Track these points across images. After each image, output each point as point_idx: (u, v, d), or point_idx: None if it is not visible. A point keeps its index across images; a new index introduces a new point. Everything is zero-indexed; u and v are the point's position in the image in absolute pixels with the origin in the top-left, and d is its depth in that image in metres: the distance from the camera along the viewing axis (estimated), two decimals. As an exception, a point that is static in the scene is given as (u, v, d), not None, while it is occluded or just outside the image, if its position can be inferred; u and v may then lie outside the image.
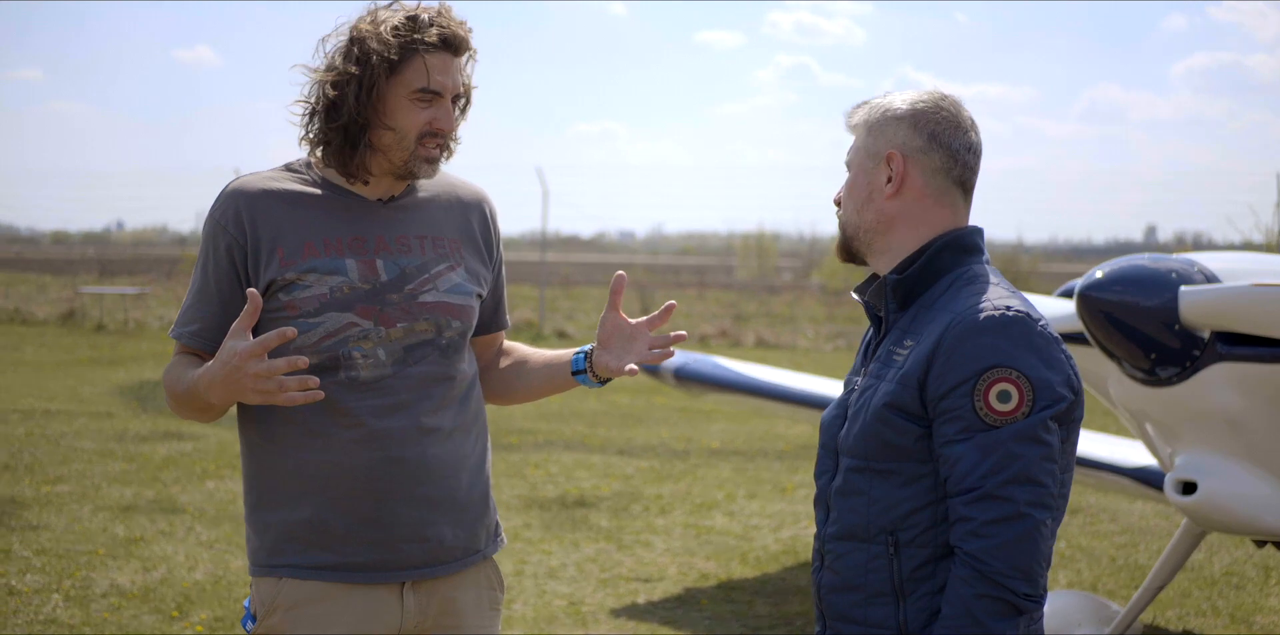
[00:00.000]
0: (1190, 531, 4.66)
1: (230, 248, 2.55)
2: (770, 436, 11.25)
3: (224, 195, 2.59)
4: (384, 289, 2.57)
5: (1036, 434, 2.12)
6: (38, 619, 5.62)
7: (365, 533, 2.57)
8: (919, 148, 2.29)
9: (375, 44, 2.51)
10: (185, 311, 2.61)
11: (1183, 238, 35.18)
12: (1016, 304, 2.19)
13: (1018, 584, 2.09)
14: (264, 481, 2.60)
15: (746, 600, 6.20)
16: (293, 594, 2.56)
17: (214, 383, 2.40)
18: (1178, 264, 4.05)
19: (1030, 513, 2.10)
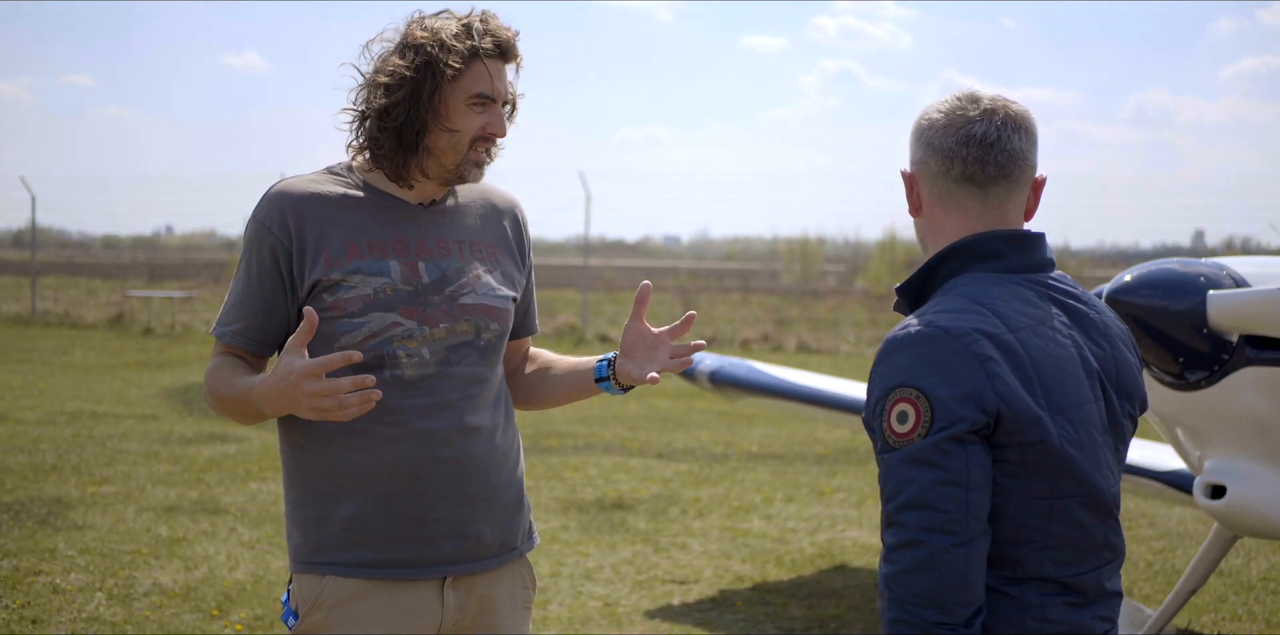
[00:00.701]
0: (1221, 536, 4.66)
1: (274, 249, 2.58)
2: (809, 440, 11.26)
3: (268, 197, 2.63)
4: (426, 290, 2.61)
5: (929, 457, 2.00)
6: (80, 617, 5.71)
7: (407, 530, 2.61)
8: (919, 159, 2.24)
9: (437, 50, 2.56)
10: (227, 311, 2.64)
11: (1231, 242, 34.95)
12: (946, 318, 2.08)
13: (924, 612, 1.98)
14: (307, 479, 2.64)
15: (781, 603, 6.23)
16: (336, 591, 2.59)
17: (268, 396, 2.44)
18: (1206, 268, 4.06)
19: (925, 539, 1.98)
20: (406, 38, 2.60)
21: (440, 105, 2.58)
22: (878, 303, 28.63)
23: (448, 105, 2.59)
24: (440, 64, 2.55)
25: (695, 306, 27.17)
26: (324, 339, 2.57)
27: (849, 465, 10.07)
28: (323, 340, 2.57)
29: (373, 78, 2.61)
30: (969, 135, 2.19)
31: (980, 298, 2.13)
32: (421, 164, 2.62)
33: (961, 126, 2.19)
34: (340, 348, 2.56)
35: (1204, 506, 4.20)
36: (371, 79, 2.61)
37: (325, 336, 2.57)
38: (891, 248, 33.93)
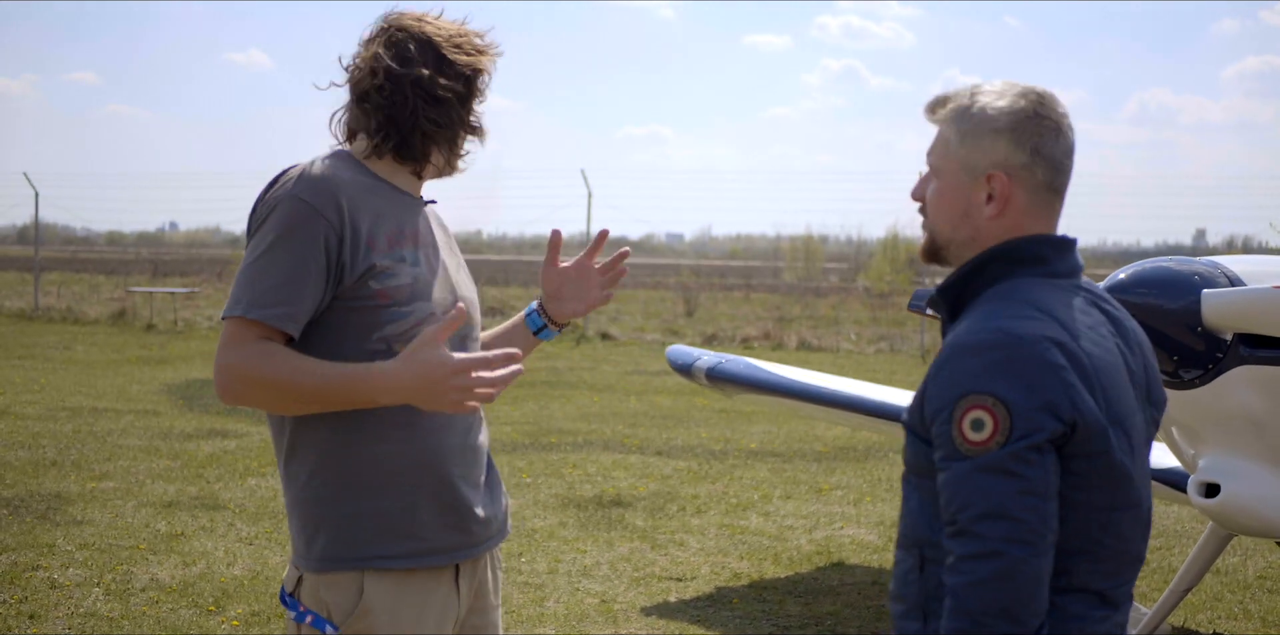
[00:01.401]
0: (1216, 534, 4.66)
1: (327, 232, 2.51)
2: (809, 438, 11.27)
3: (310, 178, 2.55)
4: (441, 282, 2.66)
5: (1008, 466, 1.95)
6: (78, 612, 5.73)
7: (448, 517, 2.63)
8: (1023, 164, 2.14)
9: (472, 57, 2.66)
10: (267, 291, 2.48)
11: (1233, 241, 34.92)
12: (1016, 324, 2.03)
13: (996, 623, 1.95)
14: (348, 474, 2.58)
15: (778, 600, 6.24)
16: (379, 588, 2.58)
17: (402, 391, 2.41)
18: (1201, 266, 4.06)
19: (1004, 550, 1.94)
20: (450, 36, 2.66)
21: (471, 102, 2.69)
22: (879, 301, 28.62)
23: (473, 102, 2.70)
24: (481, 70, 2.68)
25: (697, 304, 27.17)
26: (361, 328, 2.54)
27: (847, 463, 10.08)
28: (358, 330, 2.54)
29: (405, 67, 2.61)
30: (1070, 147, 2.18)
31: (1040, 303, 2.09)
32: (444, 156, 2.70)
33: (1064, 134, 2.16)
34: (381, 338, 2.54)
35: (1198, 505, 4.20)
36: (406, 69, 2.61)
37: (364, 326, 2.54)
38: (894, 246, 33.89)
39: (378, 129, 2.63)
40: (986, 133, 2.13)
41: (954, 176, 2.17)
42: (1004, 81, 2.20)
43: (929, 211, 2.22)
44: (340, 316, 2.55)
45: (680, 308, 27.15)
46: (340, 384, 2.45)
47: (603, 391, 14.51)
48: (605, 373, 16.60)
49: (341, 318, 2.55)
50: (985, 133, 2.13)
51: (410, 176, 2.69)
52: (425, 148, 2.65)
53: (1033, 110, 2.14)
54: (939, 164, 2.20)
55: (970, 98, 2.17)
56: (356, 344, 2.54)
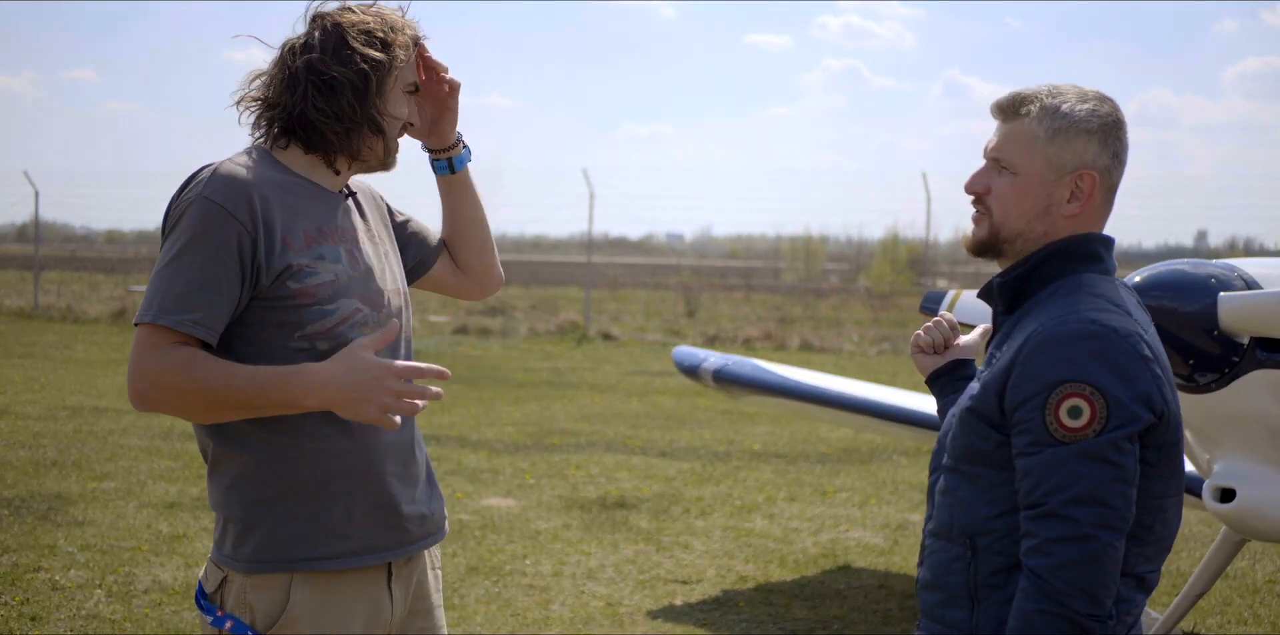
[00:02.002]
0: (1229, 539, 4.62)
1: (240, 234, 2.46)
2: (812, 439, 11.23)
3: (220, 179, 2.49)
4: (366, 276, 2.61)
5: (1105, 454, 2.05)
6: (80, 614, 5.68)
7: (380, 516, 2.60)
8: (1107, 167, 2.26)
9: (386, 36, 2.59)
10: (178, 297, 2.43)
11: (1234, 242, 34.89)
12: (1106, 317, 2.12)
13: (1080, 604, 2.04)
14: (281, 475, 2.54)
15: (784, 603, 6.20)
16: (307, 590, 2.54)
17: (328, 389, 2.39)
18: (1217, 269, 4.02)
19: (1095, 534, 2.04)
20: (358, 24, 2.59)
21: (388, 90, 2.62)
22: (880, 302, 28.59)
23: (392, 91, 2.63)
24: (394, 49, 2.60)
25: (698, 304, 27.13)
26: (282, 328, 2.51)
27: (851, 465, 10.04)
28: (280, 329, 2.51)
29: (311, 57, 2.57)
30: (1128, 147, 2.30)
31: (1113, 299, 2.19)
32: (363, 148, 2.63)
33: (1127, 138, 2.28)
34: (304, 336, 2.51)
35: (1213, 510, 4.16)
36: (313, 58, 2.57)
37: (285, 325, 2.51)
38: (894, 247, 33.88)
39: (272, 116, 2.61)
40: (1079, 133, 2.23)
41: (1037, 173, 2.24)
42: (1072, 85, 2.29)
43: (998, 205, 2.28)
44: (261, 316, 2.51)
45: (681, 308, 27.11)
46: (267, 385, 2.42)
47: (604, 392, 14.47)
48: (607, 373, 16.57)
49: (263, 317, 2.51)
50: (1078, 133, 2.23)
51: (327, 171, 2.64)
52: (319, 138, 2.59)
53: (1114, 117, 2.26)
54: (1019, 160, 2.26)
55: (1054, 98, 2.26)
56: (280, 343, 2.51)
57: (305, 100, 2.56)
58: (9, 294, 27.88)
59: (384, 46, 2.59)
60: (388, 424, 2.42)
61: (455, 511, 7.98)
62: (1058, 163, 2.24)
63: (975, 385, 2.27)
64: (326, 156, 2.62)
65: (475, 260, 2.98)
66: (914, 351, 2.64)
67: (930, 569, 2.28)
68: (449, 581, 6.38)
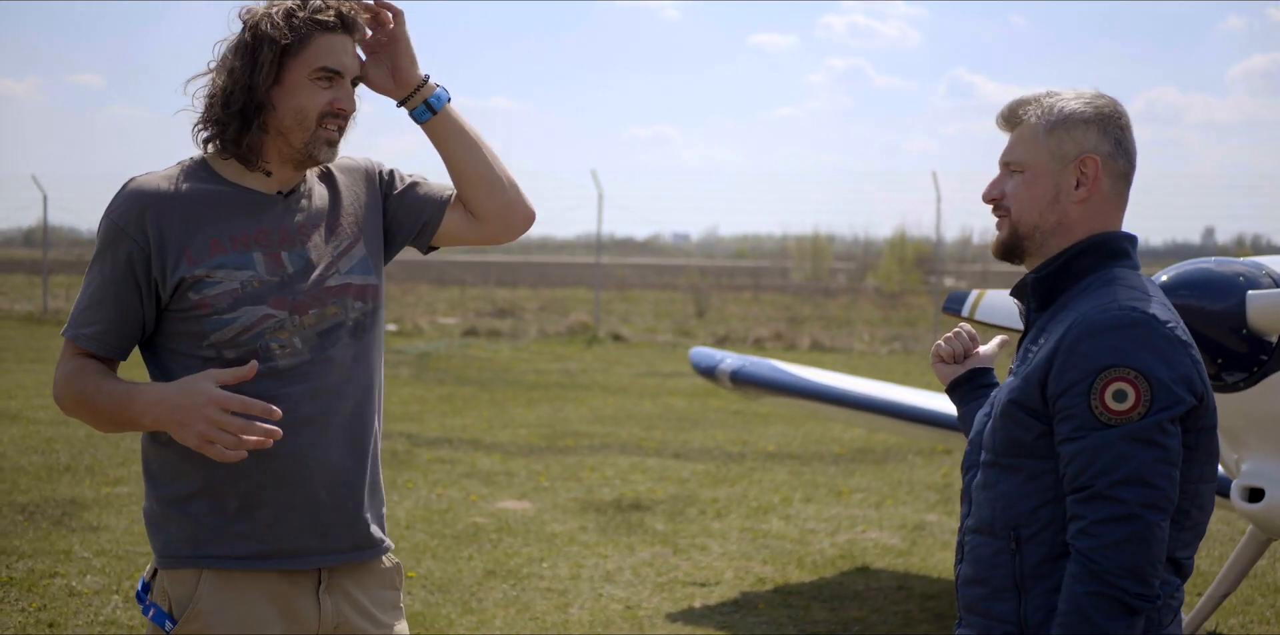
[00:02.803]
0: (1256, 538, 4.59)
1: (131, 253, 2.53)
2: (826, 440, 11.19)
3: (123, 196, 2.56)
4: (292, 279, 2.59)
5: (1151, 436, 2.12)
6: (97, 620, 5.66)
7: (297, 518, 2.58)
8: (1109, 153, 2.34)
9: (270, 27, 2.53)
10: (81, 312, 2.58)
11: (1242, 240, 34.80)
12: (1145, 305, 2.20)
13: (1128, 583, 2.09)
14: (188, 472, 2.56)
15: (803, 605, 6.17)
16: (215, 587, 2.55)
17: (159, 405, 2.44)
18: (1244, 267, 3.98)
19: (1141, 514, 2.10)
20: (245, 17, 2.57)
21: (279, 82, 2.55)
22: (890, 301, 28.55)
23: (288, 81, 2.55)
24: (277, 36, 2.52)
25: (707, 304, 27.09)
26: (190, 337, 2.54)
27: (866, 465, 10.00)
28: (188, 339, 2.54)
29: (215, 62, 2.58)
30: (1134, 144, 2.38)
31: (1147, 290, 2.27)
32: (271, 145, 2.59)
33: (1131, 132, 2.37)
34: (210, 345, 2.54)
35: (1241, 510, 4.13)
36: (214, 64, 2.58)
37: (191, 335, 2.54)
38: (901, 245, 33.82)
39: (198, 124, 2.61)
40: (1076, 123, 2.32)
41: (1043, 166, 2.34)
42: (1072, 89, 2.39)
43: (1013, 203, 2.38)
44: (171, 326, 2.57)
45: (691, 308, 27.07)
46: (120, 401, 2.50)
47: (616, 393, 14.44)
48: (618, 374, 16.54)
49: (173, 327, 2.57)
50: (1075, 123, 2.32)
51: (256, 173, 2.61)
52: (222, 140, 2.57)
53: (1112, 108, 2.35)
54: (1024, 158, 2.36)
55: (1050, 98, 2.37)
56: (189, 352, 2.56)
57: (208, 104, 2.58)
58: (18, 299, 27.90)
59: (257, 39, 2.53)
60: (213, 454, 2.41)
61: (470, 515, 7.96)
62: (1060, 153, 2.33)
63: (1013, 379, 2.32)
64: (239, 159, 2.60)
65: (488, 202, 2.81)
66: (934, 361, 2.72)
67: (972, 564, 2.32)
68: (466, 585, 6.35)
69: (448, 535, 7.35)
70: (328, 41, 2.56)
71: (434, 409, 12.57)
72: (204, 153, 2.64)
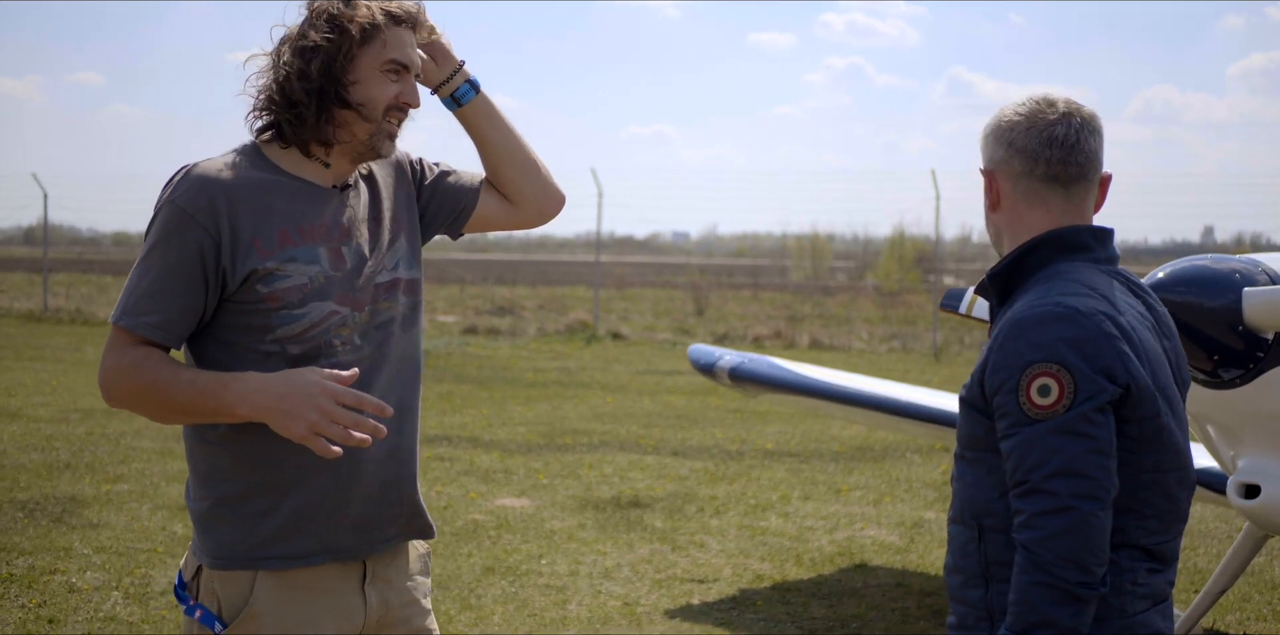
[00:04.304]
0: (1252, 535, 4.60)
1: (200, 241, 2.46)
2: (825, 437, 11.20)
3: (188, 182, 2.50)
4: (351, 275, 2.57)
5: (1077, 427, 2.15)
6: (97, 616, 5.68)
7: (354, 514, 2.58)
8: (1001, 159, 2.41)
9: (343, 15, 2.52)
10: (139, 300, 2.48)
11: (1241, 239, 34.80)
12: (1071, 299, 2.23)
13: (1069, 573, 2.13)
14: (246, 473, 2.54)
15: (802, 602, 6.18)
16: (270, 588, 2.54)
17: (259, 397, 2.38)
18: (1241, 265, 3.99)
19: (1076, 505, 2.13)
20: (313, 7, 2.56)
21: (350, 71, 2.54)
22: (889, 299, 28.55)
23: (358, 71, 2.54)
24: (350, 27, 2.52)
25: (707, 303, 27.10)
26: (254, 330, 2.50)
27: (865, 463, 10.01)
28: (251, 332, 2.51)
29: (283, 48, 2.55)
30: (1051, 137, 2.38)
31: (1088, 283, 2.30)
32: (337, 136, 2.57)
33: (1043, 129, 2.38)
34: (275, 339, 2.50)
35: (1237, 506, 4.14)
36: (282, 50, 2.56)
37: (256, 328, 2.50)
38: (900, 244, 33.82)
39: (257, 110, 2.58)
40: (982, 141, 2.46)
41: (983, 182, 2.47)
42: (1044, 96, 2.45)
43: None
44: (232, 319, 2.52)
45: (690, 307, 27.08)
46: (205, 390, 2.43)
47: (615, 391, 14.45)
48: (617, 372, 16.55)
49: (234, 320, 2.52)
50: (982, 141, 2.46)
51: (315, 164, 2.60)
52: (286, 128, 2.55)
53: (1026, 111, 2.40)
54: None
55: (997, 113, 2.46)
56: (251, 346, 2.51)
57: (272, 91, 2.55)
58: (18, 297, 27.91)
59: (335, 28, 2.52)
60: (318, 448, 2.37)
61: (469, 512, 7.97)
62: (983, 169, 2.46)
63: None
64: (302, 148, 2.58)
65: (523, 186, 2.85)
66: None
67: (951, 553, 2.39)
68: (465, 582, 6.37)
69: (447, 532, 7.36)
70: (397, 35, 2.57)
71: (433, 407, 12.58)
72: (257, 141, 2.61)
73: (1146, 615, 2.28)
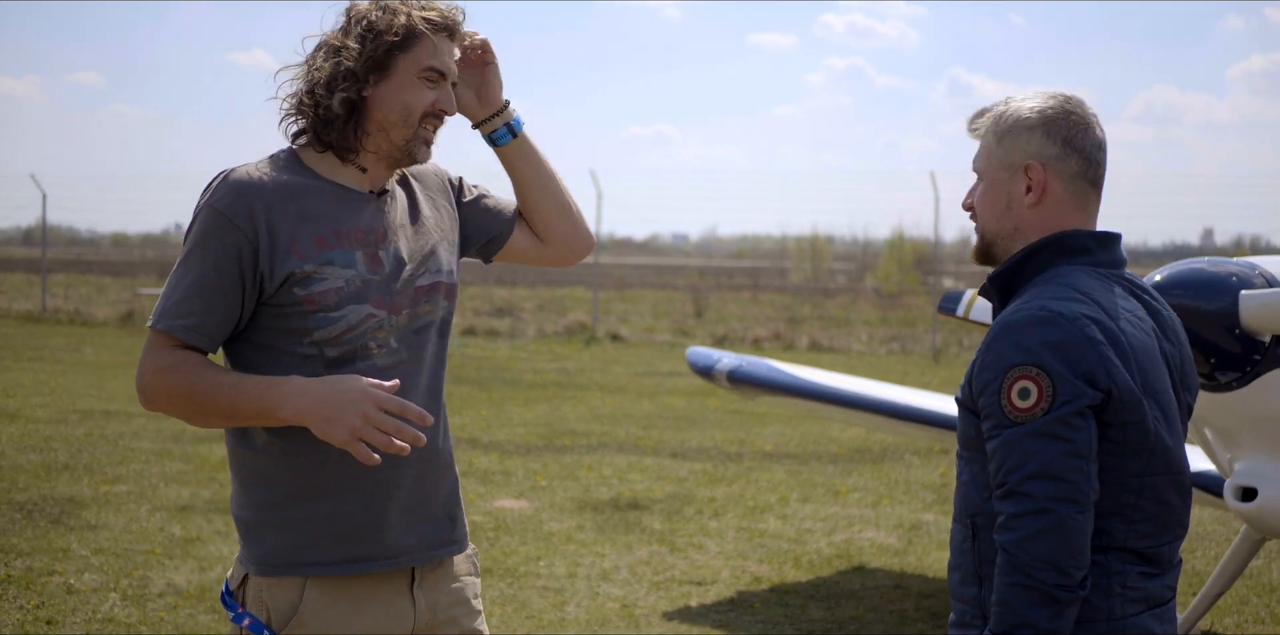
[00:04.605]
0: (1249, 538, 4.61)
1: (240, 244, 2.48)
2: (824, 439, 11.21)
3: (226, 187, 2.51)
4: (389, 279, 2.58)
5: (1055, 431, 2.17)
6: (95, 618, 5.68)
7: (393, 520, 2.58)
8: (1056, 155, 2.37)
9: (381, 22, 2.53)
10: (177, 303, 2.50)
11: (1240, 241, 34.81)
12: (1057, 304, 2.24)
13: (1046, 574, 2.14)
14: (287, 477, 2.55)
15: (799, 604, 6.18)
16: (319, 594, 2.54)
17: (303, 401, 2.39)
18: (1238, 268, 4.00)
19: (1053, 507, 2.15)
20: (352, 12, 2.57)
21: (387, 77, 2.55)
22: (888, 301, 28.57)
23: (395, 77, 2.55)
24: (386, 33, 2.53)
25: (706, 304, 27.11)
26: (291, 333, 2.51)
27: (864, 465, 10.02)
28: (288, 335, 2.51)
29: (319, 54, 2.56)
30: (1100, 142, 2.41)
31: (1081, 287, 2.30)
32: (372, 141, 2.58)
33: (1094, 130, 2.40)
34: (312, 342, 2.51)
35: (1234, 509, 4.14)
36: (317, 55, 2.57)
37: (293, 331, 2.51)
38: (900, 246, 33.84)
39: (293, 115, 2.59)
40: (1021, 131, 2.38)
41: (996, 174, 2.41)
42: (1035, 90, 2.45)
43: (979, 211, 2.46)
44: (270, 322, 2.52)
45: (689, 308, 27.09)
46: (248, 393, 2.44)
47: (614, 393, 14.46)
48: (616, 374, 16.56)
49: (271, 323, 2.52)
50: (1020, 131, 2.38)
51: (351, 169, 2.60)
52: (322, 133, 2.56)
53: (1061, 108, 2.38)
54: (983, 168, 2.44)
55: (1005, 105, 2.43)
56: (288, 348, 2.52)
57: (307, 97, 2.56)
58: (17, 298, 27.91)
59: (372, 35, 2.53)
60: (359, 453, 2.38)
61: (468, 513, 7.96)
62: (1009, 162, 2.39)
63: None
64: (338, 153, 2.59)
65: (558, 225, 2.89)
66: None
67: (952, 551, 2.41)
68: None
69: (445, 534, 7.35)
70: (435, 42, 2.57)
71: (432, 408, 12.57)
72: (293, 146, 2.62)
73: (1139, 618, 2.27)
